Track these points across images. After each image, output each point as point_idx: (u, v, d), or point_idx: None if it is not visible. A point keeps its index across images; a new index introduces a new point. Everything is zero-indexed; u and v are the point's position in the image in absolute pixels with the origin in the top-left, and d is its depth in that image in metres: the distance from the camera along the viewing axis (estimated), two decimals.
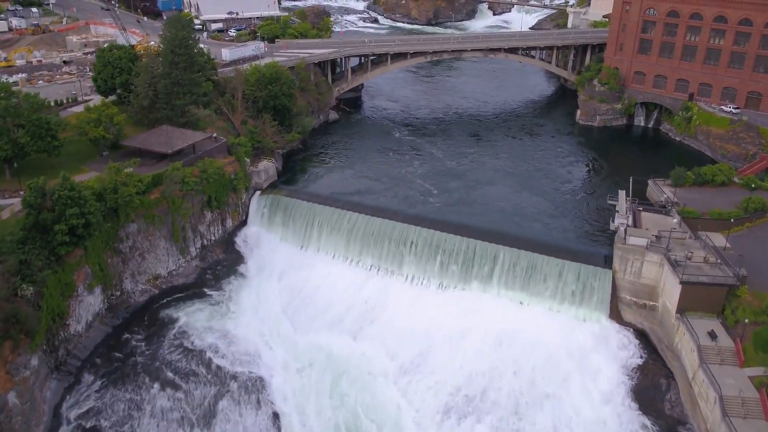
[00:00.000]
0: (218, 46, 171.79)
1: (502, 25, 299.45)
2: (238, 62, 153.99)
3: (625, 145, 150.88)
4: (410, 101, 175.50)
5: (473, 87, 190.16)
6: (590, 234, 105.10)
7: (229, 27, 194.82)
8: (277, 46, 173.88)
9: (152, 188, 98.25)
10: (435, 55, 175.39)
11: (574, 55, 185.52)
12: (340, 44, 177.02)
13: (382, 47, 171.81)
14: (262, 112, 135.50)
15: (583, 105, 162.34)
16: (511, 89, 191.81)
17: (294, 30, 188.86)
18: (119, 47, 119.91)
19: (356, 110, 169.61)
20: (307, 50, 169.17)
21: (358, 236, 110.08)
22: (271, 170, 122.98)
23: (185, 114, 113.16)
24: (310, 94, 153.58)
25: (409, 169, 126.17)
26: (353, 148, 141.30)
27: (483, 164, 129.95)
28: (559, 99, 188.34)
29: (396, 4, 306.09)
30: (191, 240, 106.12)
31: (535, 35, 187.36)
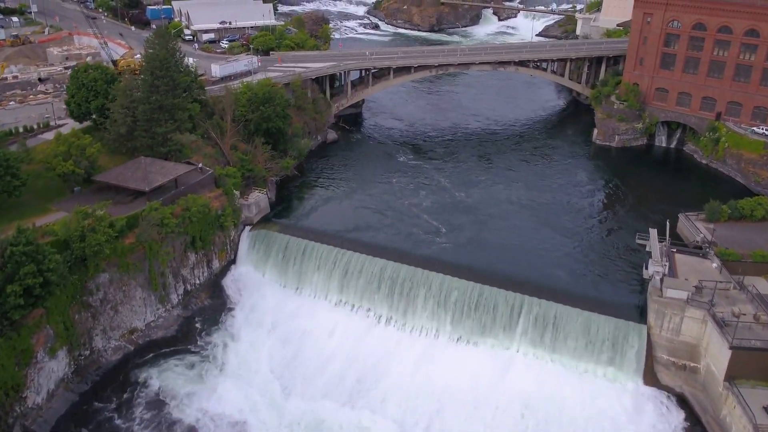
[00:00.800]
0: (209, 60, 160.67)
1: (507, 32, 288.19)
2: (229, 79, 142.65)
3: (647, 168, 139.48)
4: (414, 118, 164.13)
5: (481, 102, 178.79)
6: (620, 281, 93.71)
7: (221, 37, 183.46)
8: (272, 59, 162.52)
9: (127, 232, 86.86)
10: (440, 69, 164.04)
11: (587, 67, 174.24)
12: (339, 57, 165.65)
13: (384, 60, 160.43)
14: (254, 136, 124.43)
15: (600, 124, 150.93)
16: (521, 104, 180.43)
17: (290, 41, 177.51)
18: (95, 67, 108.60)
19: (356, 128, 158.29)
20: (304, 64, 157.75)
21: (359, 279, 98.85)
22: (262, 202, 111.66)
23: (167, 142, 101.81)
24: (306, 113, 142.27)
25: (414, 201, 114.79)
26: (353, 173, 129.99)
27: (495, 195, 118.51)
28: (572, 115, 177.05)
29: (397, 10, 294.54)
30: (172, 286, 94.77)
31: (547, 46, 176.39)
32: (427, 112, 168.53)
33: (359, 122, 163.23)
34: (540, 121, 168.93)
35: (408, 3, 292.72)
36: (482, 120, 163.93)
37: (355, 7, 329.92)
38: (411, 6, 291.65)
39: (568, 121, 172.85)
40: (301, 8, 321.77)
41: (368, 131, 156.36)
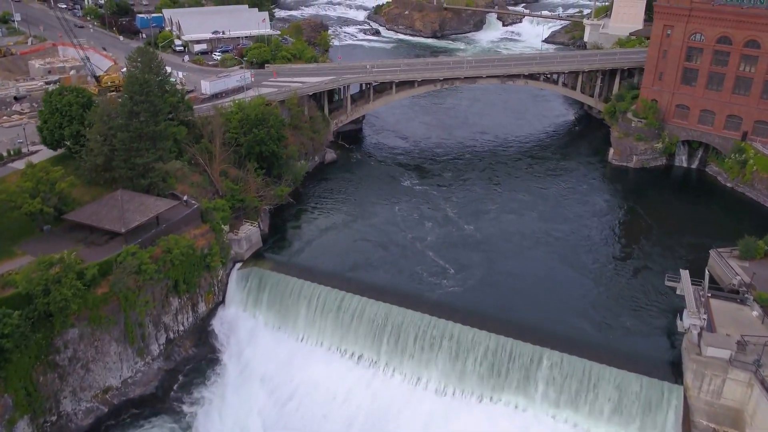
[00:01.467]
0: (200, 73, 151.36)
1: (512, 38, 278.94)
2: (220, 95, 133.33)
3: (669, 193, 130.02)
4: (418, 135, 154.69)
5: (488, 117, 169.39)
6: (651, 331, 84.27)
7: (214, 48, 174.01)
8: (267, 72, 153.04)
9: (99, 280, 77.49)
10: (446, 83, 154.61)
11: (600, 80, 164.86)
12: (338, 70, 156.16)
13: (385, 74, 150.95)
14: (246, 160, 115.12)
15: (617, 143, 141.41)
16: (530, 118, 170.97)
17: (287, 52, 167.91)
18: (70, 90, 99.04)
19: (357, 146, 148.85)
20: (301, 78, 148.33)
21: (360, 325, 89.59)
22: (254, 236, 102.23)
23: (148, 174, 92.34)
24: (303, 132, 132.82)
25: (418, 234, 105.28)
26: (353, 199, 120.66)
27: (506, 227, 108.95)
28: (585, 130, 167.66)
29: (399, 15, 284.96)
30: (152, 336, 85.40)
31: (558, 58, 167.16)
32: (431, 129, 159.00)
33: (360, 139, 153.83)
34: (551, 137, 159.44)
35: (409, 8, 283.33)
36: (490, 137, 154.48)
37: (355, 12, 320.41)
38: (413, 11, 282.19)
39: (580, 137, 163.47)
40: (300, 13, 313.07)
41: (369, 150, 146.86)
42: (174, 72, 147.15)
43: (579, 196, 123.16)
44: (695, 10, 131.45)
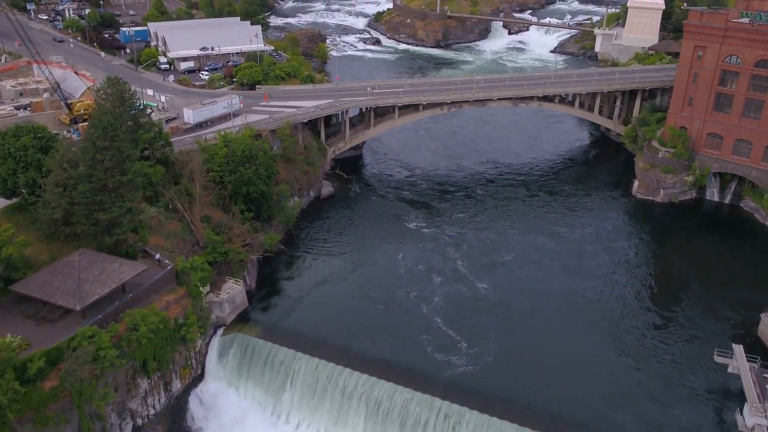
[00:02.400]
0: (185, 95, 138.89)
1: (519, 47, 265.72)
2: (205, 124, 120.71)
3: (702, 232, 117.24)
4: (423, 163, 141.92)
5: (498, 141, 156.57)
6: (705, 425, 71.41)
7: (202, 65, 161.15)
8: (258, 95, 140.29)
9: (48, 370, 64.80)
10: (453, 107, 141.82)
11: (620, 101, 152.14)
12: (336, 92, 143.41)
13: (387, 97, 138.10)
14: (231, 201, 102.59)
15: (642, 175, 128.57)
16: (544, 142, 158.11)
17: (280, 70, 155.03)
18: (27, 130, 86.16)
19: (356, 176, 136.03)
20: (295, 102, 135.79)
21: (360, 407, 77.17)
22: (238, 296, 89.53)
23: (114, 230, 79.60)
24: (296, 165, 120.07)
25: (424, 293, 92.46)
26: (351, 244, 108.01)
27: (525, 284, 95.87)
28: (603, 155, 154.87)
29: (400, 24, 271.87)
30: (116, 427, 72.66)
31: (573, 77, 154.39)
32: (437, 156, 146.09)
33: (359, 168, 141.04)
34: (568, 166, 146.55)
35: (411, 16, 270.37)
36: (502, 167, 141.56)
37: (354, 19, 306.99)
38: (415, 20, 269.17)
39: (598, 163, 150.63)
40: (297, 20, 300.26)
41: (370, 181, 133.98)
42: (156, 95, 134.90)
43: (604, 240, 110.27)
44: (731, 30, 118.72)
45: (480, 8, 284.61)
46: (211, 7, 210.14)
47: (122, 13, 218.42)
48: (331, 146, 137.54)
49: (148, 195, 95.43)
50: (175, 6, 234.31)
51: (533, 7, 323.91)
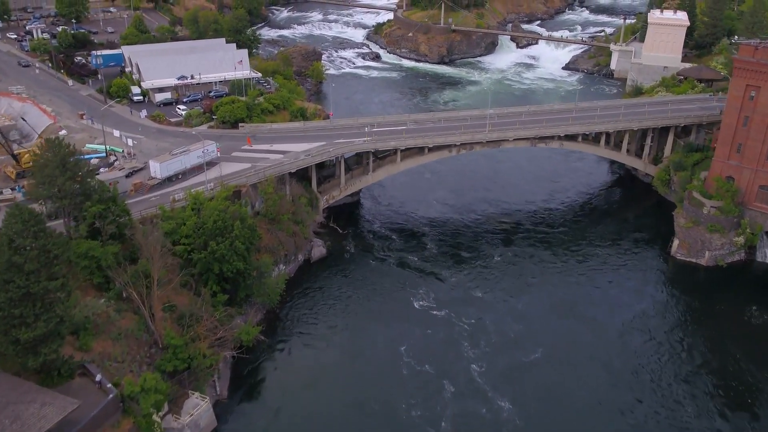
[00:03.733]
0: (157, 136, 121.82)
1: (528, 62, 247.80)
2: (175, 178, 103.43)
3: (757, 307, 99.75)
4: (430, 212, 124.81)
5: (513, 184, 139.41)
6: None
7: (181, 96, 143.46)
8: (241, 135, 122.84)
9: None
10: (464, 148, 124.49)
11: (651, 138, 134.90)
12: (329, 131, 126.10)
13: (388, 140, 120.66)
14: (201, 281, 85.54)
15: (683, 233, 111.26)
16: (564, 183, 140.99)
17: (268, 102, 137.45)
18: None
19: (353, 230, 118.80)
20: (283, 144, 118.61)
21: None
22: (204, 418, 72.23)
23: (41, 348, 62.28)
24: (282, 226, 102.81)
25: (431, 413, 75.10)
26: (345, 329, 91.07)
27: (559, 400, 78.21)
28: (630, 197, 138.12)
29: (401, 38, 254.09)
30: None
31: (598, 111, 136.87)
32: (446, 206, 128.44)
33: (356, 219, 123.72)
34: (592, 213, 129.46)
35: (413, 29, 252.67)
36: (519, 218, 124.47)
37: (353, 31, 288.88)
38: (417, 33, 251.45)
39: (626, 209, 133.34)
40: (291, 32, 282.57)
41: (369, 237, 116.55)
42: (123, 138, 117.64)
43: (647, 323, 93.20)
44: None
45: (486, 20, 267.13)
46: (196, 23, 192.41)
47: (100, 30, 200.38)
48: (324, 194, 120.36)
49: (96, 283, 78.28)
50: (159, 21, 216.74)
51: (542, 17, 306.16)
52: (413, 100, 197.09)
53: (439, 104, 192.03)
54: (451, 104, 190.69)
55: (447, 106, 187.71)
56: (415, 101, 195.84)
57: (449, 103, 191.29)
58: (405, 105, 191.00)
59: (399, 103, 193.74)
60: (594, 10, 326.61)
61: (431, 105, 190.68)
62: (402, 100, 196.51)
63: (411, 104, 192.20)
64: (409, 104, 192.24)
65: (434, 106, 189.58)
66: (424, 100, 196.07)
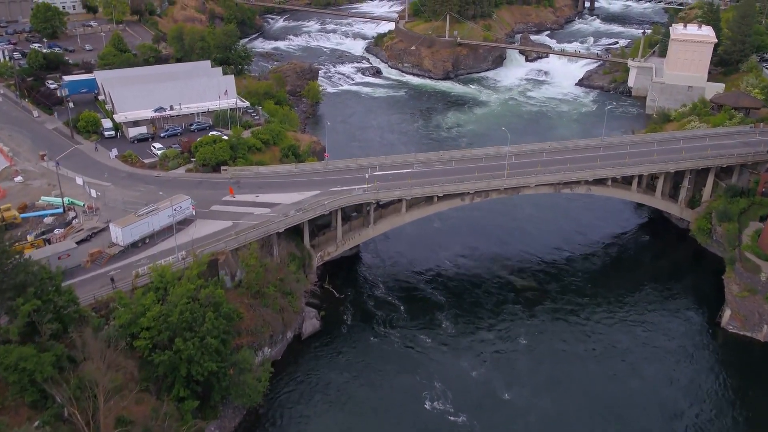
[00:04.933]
0: (127, 182, 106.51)
1: (539, 78, 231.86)
2: (141, 244, 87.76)
3: None
4: (439, 270, 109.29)
5: (530, 228, 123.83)
6: None
7: (158, 130, 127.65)
8: (222, 182, 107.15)
9: None
10: (478, 196, 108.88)
11: (689, 180, 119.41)
12: (324, 176, 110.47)
13: (392, 189, 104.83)
14: (164, 383, 69.99)
15: (736, 303, 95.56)
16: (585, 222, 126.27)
17: (255, 138, 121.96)
18: None
19: (351, 292, 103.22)
20: (271, 193, 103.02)
21: None
22: None
23: None
24: (267, 301, 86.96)
25: None
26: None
27: None
28: (663, 247, 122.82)
29: (404, 51, 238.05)
30: None
31: (628, 146, 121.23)
32: (459, 257, 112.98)
33: (355, 277, 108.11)
34: (620, 264, 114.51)
35: (416, 43, 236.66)
36: (541, 275, 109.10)
37: (352, 42, 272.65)
38: (420, 47, 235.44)
39: (663, 265, 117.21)
40: (287, 44, 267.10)
41: (369, 303, 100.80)
42: (85, 187, 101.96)
43: (697, 418, 77.35)
44: None
45: (494, 32, 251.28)
46: (181, 41, 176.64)
47: (77, 47, 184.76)
48: (318, 250, 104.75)
49: (30, 401, 62.64)
50: (143, 35, 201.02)
51: (551, 27, 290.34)
52: (415, 124, 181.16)
53: (444, 129, 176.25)
54: (456, 130, 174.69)
55: (451, 134, 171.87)
56: (417, 125, 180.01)
57: (453, 130, 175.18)
58: (406, 130, 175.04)
59: (400, 127, 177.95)
60: (605, 19, 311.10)
61: (434, 131, 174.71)
62: (402, 124, 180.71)
63: (413, 129, 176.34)
64: (411, 129, 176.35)
65: (437, 132, 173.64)
66: (427, 125, 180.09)
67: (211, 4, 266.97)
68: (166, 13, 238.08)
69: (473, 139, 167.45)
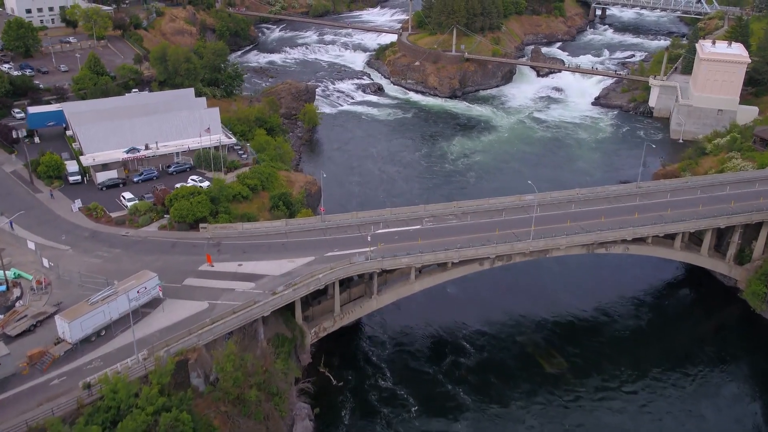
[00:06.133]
0: (89, 246, 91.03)
1: (552, 95, 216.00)
2: (96, 336, 72.13)
3: None
4: (457, 344, 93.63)
5: (557, 280, 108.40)
6: None
7: (131, 173, 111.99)
8: (201, 240, 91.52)
9: None
10: (500, 260, 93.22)
11: (739, 235, 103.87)
12: (320, 235, 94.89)
13: (398, 256, 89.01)
14: None
15: None
16: (616, 278, 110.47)
17: (241, 184, 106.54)
18: None
19: (350, 378, 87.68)
20: (256, 261, 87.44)
21: None
22: None
23: None
24: (248, 409, 71.07)
25: None
26: None
27: None
28: (708, 310, 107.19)
29: (407, 67, 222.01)
30: None
31: (668, 194, 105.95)
32: (478, 330, 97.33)
33: (355, 356, 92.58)
34: (661, 331, 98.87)
35: (421, 58, 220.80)
36: (572, 351, 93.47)
37: (352, 55, 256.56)
38: (425, 62, 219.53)
39: (707, 329, 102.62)
40: (282, 56, 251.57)
41: (373, 395, 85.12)
42: (38, 254, 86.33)
43: None
44: None
45: (503, 45, 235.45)
46: (164, 62, 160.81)
47: (52, 68, 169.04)
48: (313, 325, 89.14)
49: None
50: (126, 53, 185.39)
51: (563, 38, 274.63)
52: (417, 153, 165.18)
53: (449, 160, 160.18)
54: (463, 162, 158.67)
55: (458, 166, 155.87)
56: (420, 154, 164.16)
57: (460, 161, 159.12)
58: (408, 161, 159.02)
59: (401, 156, 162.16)
60: (618, 29, 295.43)
61: (439, 162, 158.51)
62: (404, 152, 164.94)
63: (415, 160, 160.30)
64: (413, 160, 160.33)
65: (441, 163, 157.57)
66: (431, 154, 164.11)
67: (202, 14, 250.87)
68: (153, 25, 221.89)
69: (483, 173, 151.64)
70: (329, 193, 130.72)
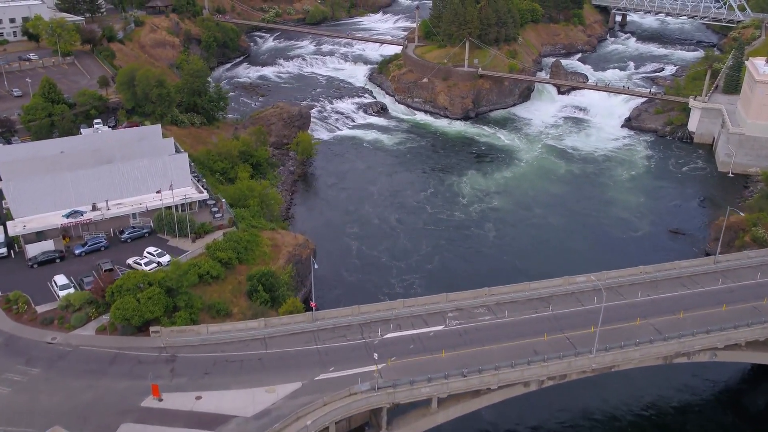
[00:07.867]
0: (4, 361, 66.89)
1: (575, 115, 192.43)
2: None
3: None
4: None
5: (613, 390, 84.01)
6: None
7: (72, 244, 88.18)
8: (150, 354, 67.77)
9: None
10: (551, 380, 69.53)
11: None
12: (307, 343, 71.19)
13: (417, 384, 65.21)
14: None
15: None
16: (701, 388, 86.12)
17: (211, 260, 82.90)
18: None
19: None
20: (221, 390, 63.82)
21: None
22: None
23: None
24: None
25: None
26: None
27: None
28: None
29: (414, 84, 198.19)
30: None
31: (758, 274, 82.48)
32: None
33: None
34: None
35: (429, 74, 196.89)
36: None
37: (352, 68, 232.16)
38: (434, 79, 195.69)
39: None
40: (275, 70, 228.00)
41: None
42: None
43: None
44: None
45: (519, 58, 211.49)
46: (133, 87, 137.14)
47: (4, 92, 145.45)
48: None
49: None
50: (94, 72, 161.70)
51: (583, 49, 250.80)
52: (424, 193, 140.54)
53: (461, 204, 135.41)
54: (477, 208, 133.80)
55: (471, 215, 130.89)
56: (426, 195, 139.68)
57: (474, 207, 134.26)
58: (412, 206, 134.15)
59: (405, 198, 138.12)
60: (641, 38, 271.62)
61: (449, 207, 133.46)
62: (408, 193, 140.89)
63: (421, 204, 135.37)
64: (419, 204, 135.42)
65: (451, 209, 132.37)
66: (439, 195, 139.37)
67: (187, 23, 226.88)
68: (131, 37, 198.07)
69: (502, 224, 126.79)
70: (322, 250, 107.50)
